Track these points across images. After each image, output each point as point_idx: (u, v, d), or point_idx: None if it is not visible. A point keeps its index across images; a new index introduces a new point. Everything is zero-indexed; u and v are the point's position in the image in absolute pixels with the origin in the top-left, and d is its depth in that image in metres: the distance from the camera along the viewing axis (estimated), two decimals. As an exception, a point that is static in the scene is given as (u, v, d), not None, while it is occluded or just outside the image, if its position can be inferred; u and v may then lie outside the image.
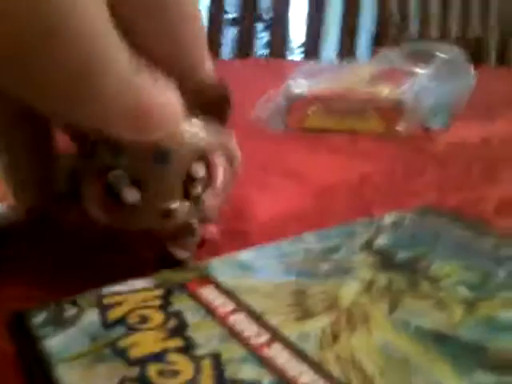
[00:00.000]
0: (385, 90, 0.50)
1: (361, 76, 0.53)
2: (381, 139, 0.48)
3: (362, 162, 0.40)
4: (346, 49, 1.51)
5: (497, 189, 0.33)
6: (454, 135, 0.49)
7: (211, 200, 0.18)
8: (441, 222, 0.21)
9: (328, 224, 0.25)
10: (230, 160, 0.19)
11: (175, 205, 0.17)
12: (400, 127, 0.48)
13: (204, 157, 0.18)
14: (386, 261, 0.17)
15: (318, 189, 0.32)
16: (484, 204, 0.30)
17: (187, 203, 0.18)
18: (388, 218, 0.21)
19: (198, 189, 0.18)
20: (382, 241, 0.19)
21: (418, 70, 0.50)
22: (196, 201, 0.18)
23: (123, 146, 0.16)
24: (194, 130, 0.17)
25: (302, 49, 1.67)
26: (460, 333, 0.14)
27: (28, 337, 0.13)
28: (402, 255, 0.18)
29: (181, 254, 0.19)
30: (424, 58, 0.50)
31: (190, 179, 0.17)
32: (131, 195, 0.16)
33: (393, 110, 0.48)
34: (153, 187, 0.17)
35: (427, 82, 0.48)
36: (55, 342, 0.13)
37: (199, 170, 0.18)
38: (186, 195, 0.18)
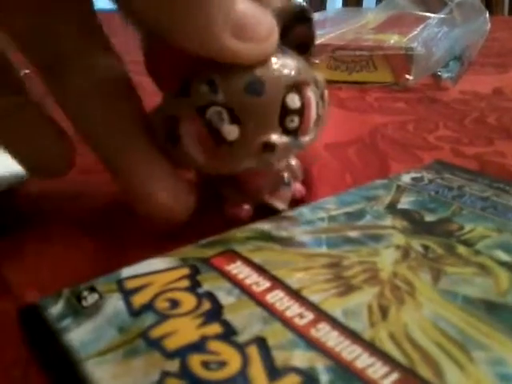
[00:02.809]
0: (393, 37, 0.48)
1: (368, 23, 0.50)
2: (390, 90, 0.46)
3: (373, 115, 0.38)
4: (352, 1, 1.45)
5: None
6: (465, 85, 0.48)
7: (306, 135, 0.17)
8: (461, 179, 0.20)
9: (346, 181, 0.24)
10: (321, 93, 0.18)
11: (274, 137, 0.16)
12: (410, 76, 0.46)
13: (298, 89, 0.16)
14: (414, 225, 0.16)
15: (330, 144, 0.30)
16: (502, 158, 0.29)
17: (285, 137, 0.16)
18: (405, 177, 0.20)
19: (295, 121, 0.16)
20: (405, 203, 0.18)
21: (429, 15, 0.48)
22: (294, 135, 0.17)
23: (218, 81, 0.15)
24: (286, 59, 0.16)
25: (307, 1, 1.62)
26: (510, 300, 0.13)
27: (45, 331, 0.12)
28: (429, 218, 0.17)
29: (279, 204, 0.18)
30: (435, 1, 0.48)
31: (285, 112, 0.16)
32: (231, 131, 0.15)
33: (402, 58, 0.46)
34: (250, 121, 0.16)
35: (438, 28, 0.46)
36: (79, 335, 0.11)
37: (295, 101, 0.16)
38: (284, 130, 0.16)
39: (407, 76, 0.46)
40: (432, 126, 0.36)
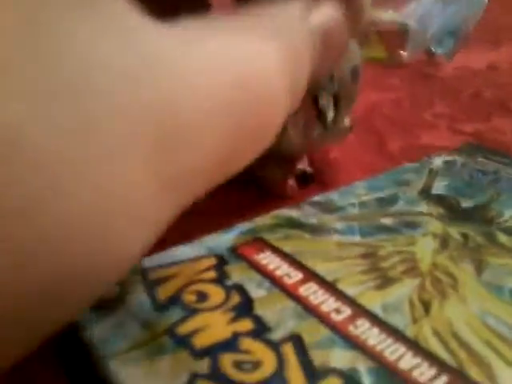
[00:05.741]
0: (387, 13, 0.47)
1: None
2: (384, 66, 0.46)
3: (368, 93, 0.37)
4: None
5: (511, 118, 0.31)
6: (459, 61, 0.46)
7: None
8: (495, 162, 0.19)
9: (343, 160, 0.23)
10: None
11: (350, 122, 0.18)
12: (404, 52, 0.45)
13: None
14: (451, 211, 0.15)
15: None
16: (501, 135, 0.28)
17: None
18: (437, 160, 0.19)
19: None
20: (438, 187, 0.17)
21: (424, -11, 0.46)
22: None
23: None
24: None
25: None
26: (560, 294, 0.12)
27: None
28: (466, 204, 0.16)
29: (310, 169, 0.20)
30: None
31: None
32: (331, 115, 0.17)
33: (395, 35, 0.45)
34: (345, 106, 0.18)
35: (433, 3, 0.45)
36: (100, 331, 0.11)
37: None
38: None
39: (401, 52, 0.45)
40: (427, 102, 0.35)
